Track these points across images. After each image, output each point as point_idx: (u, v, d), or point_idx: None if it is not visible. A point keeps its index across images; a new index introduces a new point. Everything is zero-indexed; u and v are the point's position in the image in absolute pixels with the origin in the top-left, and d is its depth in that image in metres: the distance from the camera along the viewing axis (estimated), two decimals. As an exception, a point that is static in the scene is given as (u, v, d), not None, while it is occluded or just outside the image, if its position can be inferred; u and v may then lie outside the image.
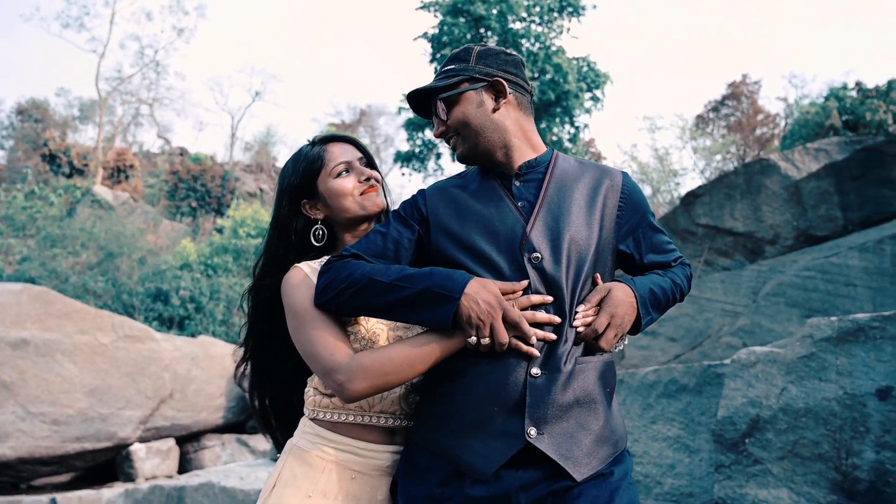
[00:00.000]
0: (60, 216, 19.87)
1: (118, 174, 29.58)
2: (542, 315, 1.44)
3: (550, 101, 21.69)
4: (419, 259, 1.58)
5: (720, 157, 24.85)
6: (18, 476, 8.35)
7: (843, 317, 3.13)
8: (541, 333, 1.44)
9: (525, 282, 1.46)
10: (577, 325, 1.48)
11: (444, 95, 1.60)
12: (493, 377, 1.44)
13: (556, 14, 23.00)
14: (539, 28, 22.84)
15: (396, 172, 24.76)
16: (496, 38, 22.09)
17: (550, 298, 1.47)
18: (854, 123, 16.06)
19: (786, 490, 3.03)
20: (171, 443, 9.45)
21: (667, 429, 3.90)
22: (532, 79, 21.66)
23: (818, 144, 8.26)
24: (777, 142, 24.57)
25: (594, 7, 23.25)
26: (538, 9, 22.53)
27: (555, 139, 22.33)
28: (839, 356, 3.04)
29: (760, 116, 26.89)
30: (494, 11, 21.76)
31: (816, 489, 2.94)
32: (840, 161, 7.63)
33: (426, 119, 1.76)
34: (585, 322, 1.48)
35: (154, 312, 15.18)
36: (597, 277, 1.56)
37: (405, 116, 24.07)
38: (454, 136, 1.63)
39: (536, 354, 1.43)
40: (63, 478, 8.90)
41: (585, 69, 22.70)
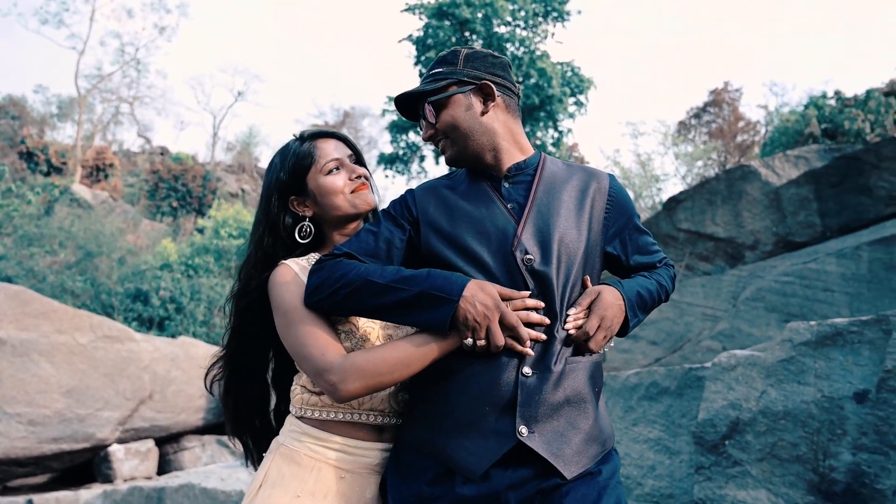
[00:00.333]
0: (38, 215, 19.62)
1: (97, 173, 29.28)
2: (536, 316, 1.45)
3: (534, 106, 21.79)
4: (409, 259, 1.58)
5: (701, 164, 25.10)
6: (-7, 477, 8.24)
7: (822, 321, 3.18)
8: (534, 334, 1.45)
9: (527, 292, 1.47)
10: (569, 328, 1.49)
11: (433, 99, 1.60)
12: (485, 377, 1.44)
13: (541, 19, 23.13)
14: (524, 32, 22.94)
15: (380, 174, 24.70)
16: (481, 42, 22.16)
17: (543, 304, 1.48)
18: (833, 132, 16.29)
19: (764, 491, 3.07)
20: (150, 444, 9.37)
21: (648, 431, 3.93)
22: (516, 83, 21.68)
23: (798, 152, 8.38)
24: (757, 149, 24.86)
25: (579, 13, 23.41)
26: (523, 13, 22.63)
27: (538, 143, 22.42)
28: (818, 360, 3.09)
29: (741, 123, 27.19)
30: (480, 15, 21.83)
31: (794, 490, 2.98)
32: (819, 168, 7.74)
33: (414, 122, 1.76)
34: (576, 325, 1.50)
35: (133, 313, 15.03)
36: (586, 280, 1.58)
37: (389, 118, 24.05)
38: (443, 140, 1.64)
39: (531, 354, 1.45)
40: (40, 479, 8.79)
41: (569, 74, 22.85)
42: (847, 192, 7.51)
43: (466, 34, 22.21)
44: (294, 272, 1.63)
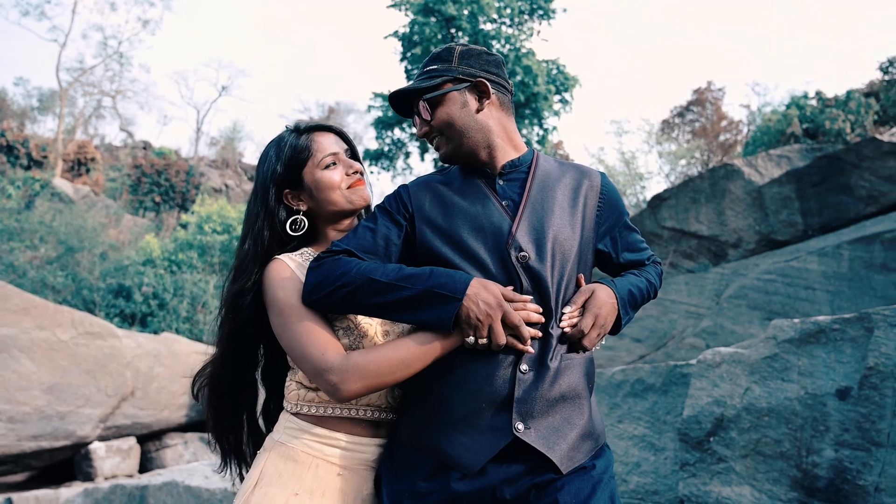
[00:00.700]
0: (18, 209, 19.36)
1: (79, 167, 28.94)
2: (535, 316, 1.46)
3: (520, 103, 21.82)
4: (405, 255, 1.58)
5: (685, 162, 25.26)
6: (-28, 475, 8.14)
7: (805, 319, 3.21)
8: (533, 332, 1.46)
9: (529, 297, 1.47)
10: (564, 326, 1.50)
11: (428, 96, 1.60)
12: (481, 373, 1.45)
13: (527, 16, 23.15)
14: (510, 30, 22.96)
15: (365, 171, 24.59)
16: (467, 39, 22.14)
17: (541, 308, 1.48)
18: (814, 131, 16.45)
19: (748, 487, 3.10)
20: (132, 441, 9.29)
21: (633, 428, 3.95)
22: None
23: (780, 151, 8.46)
24: (740, 148, 25.05)
25: (564, 11, 23.46)
26: (509, 11, 22.65)
27: (523, 141, 22.45)
28: (801, 357, 3.12)
29: (724, 122, 27.37)
30: (465, 12, 21.82)
31: (778, 486, 3.01)
32: (801, 168, 7.82)
33: (407, 118, 1.75)
34: (571, 323, 1.51)
35: (115, 309, 14.88)
36: (580, 278, 1.59)
37: (374, 115, 23.98)
38: (438, 137, 1.64)
39: (532, 352, 1.46)
40: (19, 477, 8.69)
41: (555, 72, 22.90)
42: (828, 192, 7.59)
43: (452, 31, 22.19)
44: (290, 268, 1.60)
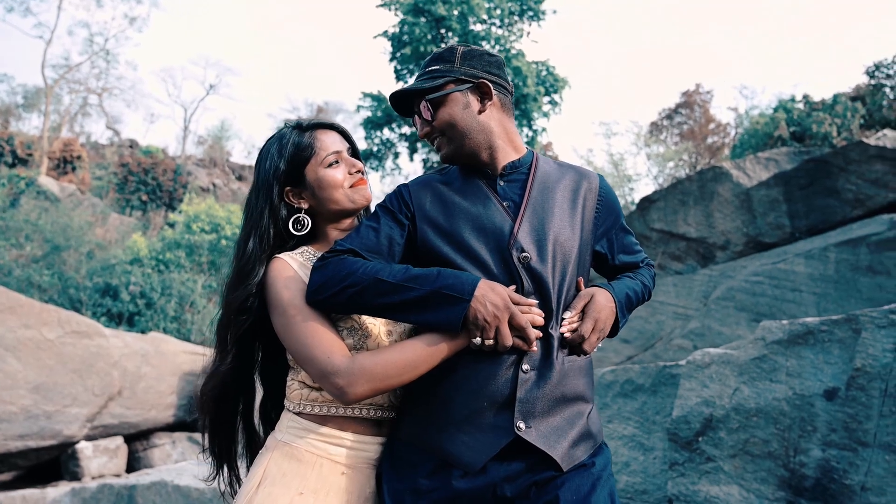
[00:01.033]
0: (3, 207, 19.20)
1: (64, 165, 28.71)
2: (540, 319, 1.47)
3: (509, 104, 21.85)
4: (406, 255, 1.58)
5: (673, 164, 25.42)
6: (-44, 475, 8.06)
7: (794, 320, 3.25)
8: (536, 333, 1.47)
9: (535, 301, 1.48)
10: (564, 331, 1.52)
11: (431, 97, 1.60)
12: (483, 373, 1.46)
13: (517, 17, 23.21)
14: (499, 31, 23.01)
15: (354, 171, 24.53)
16: (457, 39, 22.16)
17: (542, 313, 1.49)
18: (801, 135, 16.61)
19: (736, 487, 3.13)
20: (120, 441, 9.24)
21: (622, 428, 3.98)
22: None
23: (768, 154, 8.54)
24: (727, 150, 25.24)
25: (554, 12, 23.53)
26: (499, 11, 22.69)
27: (512, 142, 22.47)
28: (789, 358, 3.16)
29: (712, 125, 27.57)
30: (455, 12, 21.83)
31: (765, 486, 3.05)
32: (789, 171, 7.90)
33: (406, 118, 1.76)
34: (572, 328, 1.52)
35: (102, 308, 14.78)
36: (580, 282, 1.60)
37: (363, 115, 23.96)
38: (439, 137, 1.64)
39: (535, 350, 1.47)
40: (5, 476, 8.62)
41: (544, 73, 22.97)
42: (815, 195, 7.67)
43: (442, 31, 22.21)
44: (293, 268, 1.59)
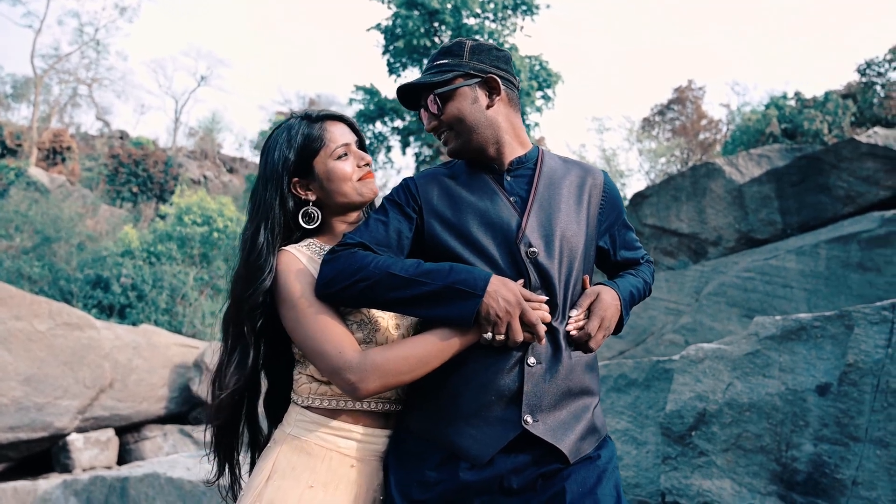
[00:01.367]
0: (-8, 197, 19.06)
1: (54, 156, 28.49)
2: (548, 316, 1.48)
3: (502, 99, 21.84)
4: (413, 248, 1.58)
5: (664, 160, 25.49)
6: (-54, 467, 8.03)
7: (787, 316, 3.28)
8: (544, 328, 1.48)
9: (544, 297, 1.49)
10: (571, 329, 1.53)
11: (440, 91, 1.60)
12: (492, 368, 1.47)
13: (510, 12, 23.18)
14: (493, 25, 22.98)
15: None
16: (450, 33, 22.12)
17: (548, 308, 1.50)
18: (792, 131, 16.69)
19: (729, 481, 3.16)
20: (111, 433, 9.22)
21: (615, 422, 4.00)
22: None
23: (761, 151, 8.57)
24: (719, 146, 25.32)
25: (548, 7, 23.53)
26: (493, 6, 22.67)
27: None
28: (782, 353, 3.19)
29: (704, 121, 27.65)
30: (449, 6, 21.79)
31: (757, 480, 3.08)
32: (781, 167, 7.94)
33: (414, 111, 1.75)
34: (578, 326, 1.54)
35: (93, 300, 14.71)
36: (585, 280, 1.62)
37: (356, 108, 23.90)
38: (447, 132, 1.64)
39: (543, 343, 1.48)
40: (-5, 469, 8.59)
41: (537, 68, 22.97)
42: (807, 191, 7.72)
43: (435, 25, 22.16)
44: (302, 261, 1.59)
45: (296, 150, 1.65)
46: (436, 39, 22.48)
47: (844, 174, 7.42)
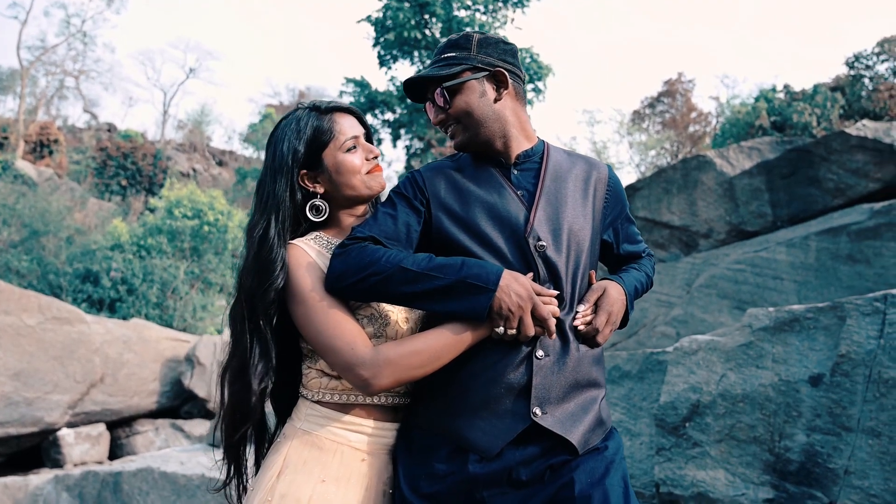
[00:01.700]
0: (-22, 191, 18.86)
1: (41, 149, 28.24)
2: (557, 310, 1.48)
3: (493, 91, 21.80)
4: (421, 241, 1.58)
5: (654, 153, 25.58)
6: (-64, 462, 7.97)
7: (780, 308, 3.30)
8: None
9: (555, 292, 1.49)
10: (579, 324, 1.54)
11: (448, 84, 1.59)
12: (500, 360, 1.48)
13: (501, 4, 23.12)
14: (484, 17, 22.90)
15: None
16: (441, 25, 22.04)
17: (556, 303, 1.50)
18: (781, 124, 16.76)
19: (722, 471, 3.19)
20: (102, 428, 9.17)
21: (609, 413, 4.03)
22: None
23: (752, 143, 8.60)
24: (709, 139, 25.42)
25: (538, -1, 23.47)
26: (483, -2, 22.59)
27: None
28: (775, 345, 3.21)
29: (694, 114, 27.75)
30: (439, -2, 21.71)
31: (751, 470, 3.10)
32: (772, 160, 7.97)
33: (419, 103, 1.75)
34: (585, 321, 1.55)
35: (83, 294, 14.60)
36: (591, 275, 1.63)
37: (346, 100, 23.80)
38: (454, 125, 1.63)
39: (554, 337, 1.48)
40: (-15, 464, 8.53)
41: (528, 61, 22.92)
42: (797, 184, 7.76)
43: (426, 17, 22.07)
44: (311, 255, 1.58)
45: (305, 142, 1.64)
46: (426, 32, 22.39)
47: (834, 166, 7.46)
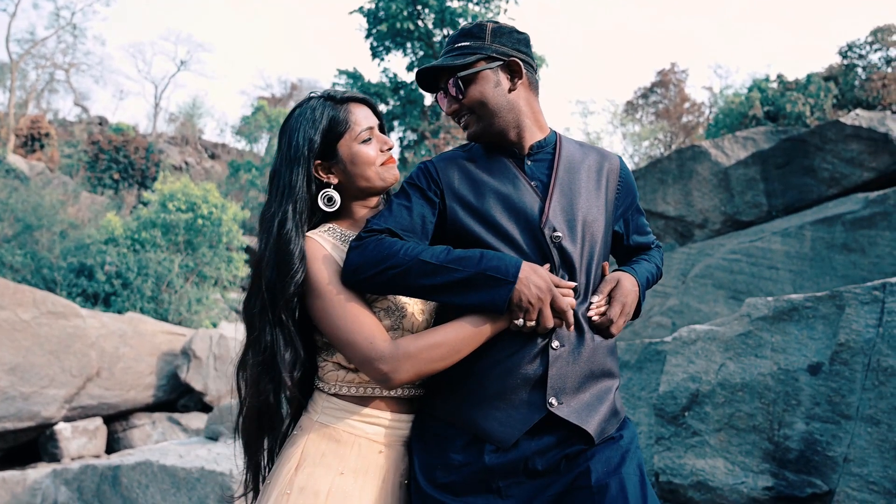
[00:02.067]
0: (-30, 185, 18.74)
1: (32, 143, 28.07)
2: (574, 301, 1.48)
3: (486, 82, 21.74)
4: (435, 233, 1.57)
5: (648, 143, 25.61)
6: (-68, 458, 7.95)
7: (779, 297, 3.32)
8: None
9: (573, 283, 1.49)
10: (593, 315, 1.54)
11: (462, 74, 1.58)
12: (516, 352, 1.48)
13: (494, -6, 23.01)
14: (476, 8, 22.80)
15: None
16: (433, 16, 21.95)
17: (573, 293, 1.50)
18: (775, 114, 16.81)
19: (721, 460, 3.21)
20: (99, 422, 9.17)
21: (608, 404, 4.05)
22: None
23: (746, 133, 8.62)
24: (702, 129, 25.45)
25: (531, -11, 23.38)
26: (476, -12, 22.49)
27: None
28: (774, 334, 3.23)
29: (687, 104, 27.77)
30: (433, -12, 21.60)
31: (750, 458, 3.13)
32: (766, 150, 7.99)
33: (431, 93, 1.73)
34: (600, 312, 1.55)
35: (77, 288, 14.54)
36: (605, 267, 1.63)
37: (340, 92, 23.66)
38: (467, 115, 1.62)
39: (571, 328, 1.49)
40: (-18, 459, 8.52)
41: (521, 51, 22.85)
42: (792, 174, 7.78)
43: (419, 7, 21.97)
44: (326, 248, 1.57)
45: (321, 132, 1.61)
46: (419, 23, 22.30)
47: (829, 156, 7.49)
